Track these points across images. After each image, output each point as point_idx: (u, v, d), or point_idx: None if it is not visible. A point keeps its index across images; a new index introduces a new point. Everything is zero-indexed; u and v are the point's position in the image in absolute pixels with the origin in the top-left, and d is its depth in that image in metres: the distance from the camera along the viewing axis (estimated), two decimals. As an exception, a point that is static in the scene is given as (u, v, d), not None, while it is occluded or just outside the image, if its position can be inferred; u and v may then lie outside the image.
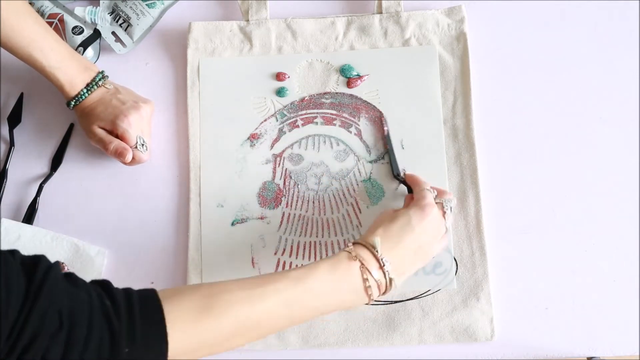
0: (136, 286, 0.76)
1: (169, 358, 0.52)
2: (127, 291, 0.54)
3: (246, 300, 0.56)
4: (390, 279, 0.62)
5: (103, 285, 0.54)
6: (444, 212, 0.68)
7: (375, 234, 0.64)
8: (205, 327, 0.54)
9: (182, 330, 0.53)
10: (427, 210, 0.66)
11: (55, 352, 0.48)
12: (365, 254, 0.62)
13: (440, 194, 0.70)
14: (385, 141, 0.78)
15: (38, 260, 0.51)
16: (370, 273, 0.61)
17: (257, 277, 0.60)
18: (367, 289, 0.61)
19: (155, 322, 0.52)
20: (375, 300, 0.73)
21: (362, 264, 0.61)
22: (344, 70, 0.81)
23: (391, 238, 0.64)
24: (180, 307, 0.54)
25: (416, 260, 0.66)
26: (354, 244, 0.64)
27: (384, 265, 0.62)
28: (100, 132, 0.77)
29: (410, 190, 0.73)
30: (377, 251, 0.62)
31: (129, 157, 0.76)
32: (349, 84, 0.81)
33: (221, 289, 0.57)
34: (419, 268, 0.67)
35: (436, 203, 0.68)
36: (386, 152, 0.78)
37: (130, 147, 0.76)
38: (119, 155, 0.76)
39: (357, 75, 0.81)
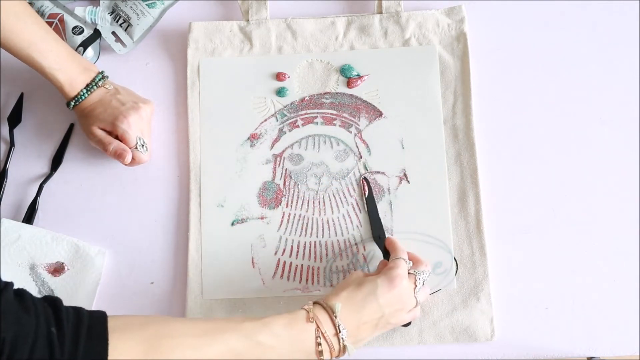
0: (136, 286, 0.76)
1: None
2: (77, 316, 0.53)
3: (194, 347, 0.56)
4: (344, 346, 0.61)
5: (54, 307, 0.53)
6: (416, 285, 0.67)
7: (339, 298, 0.63)
8: None
9: None
10: (396, 282, 0.64)
11: None
12: (323, 317, 0.61)
13: (415, 264, 0.69)
14: (366, 202, 0.77)
15: None
16: (324, 338, 0.60)
17: (210, 321, 0.60)
18: (318, 352, 0.61)
19: (98, 356, 0.51)
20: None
21: (318, 327, 0.61)
22: (344, 70, 0.81)
23: (353, 305, 0.63)
24: (125, 346, 0.53)
25: (376, 330, 0.65)
26: (314, 303, 0.63)
27: (339, 332, 0.61)
28: (100, 133, 0.77)
29: (386, 255, 0.72)
30: (335, 317, 0.61)
31: (128, 159, 0.76)
32: (349, 84, 0.81)
33: (170, 332, 0.56)
34: (378, 334, 0.67)
35: (410, 273, 0.67)
36: (367, 213, 0.76)
37: (130, 148, 0.76)
38: (118, 156, 0.76)
39: (357, 75, 0.81)
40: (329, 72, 0.82)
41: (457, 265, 0.74)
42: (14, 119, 0.83)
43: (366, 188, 0.77)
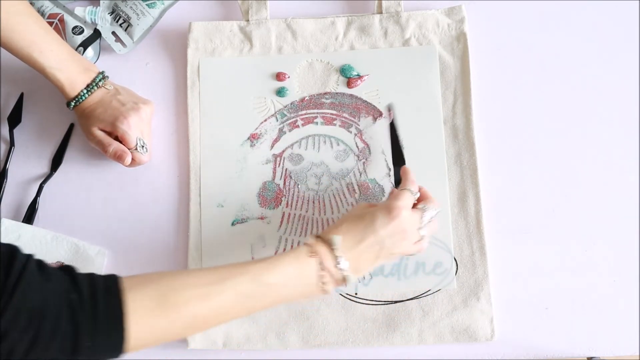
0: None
1: (125, 349, 0.55)
2: (92, 281, 0.56)
3: (205, 296, 0.58)
4: (345, 277, 0.63)
5: (70, 274, 0.56)
6: (421, 220, 0.67)
7: (338, 231, 0.65)
8: (164, 322, 0.57)
9: (140, 324, 0.55)
10: (394, 213, 0.65)
11: (21, 347, 0.50)
12: (323, 251, 0.63)
13: (422, 198, 0.69)
14: (390, 129, 0.78)
15: (14, 252, 0.53)
16: (327, 269, 0.63)
17: (217, 269, 0.62)
18: (322, 284, 0.63)
19: (118, 316, 0.54)
20: (375, 301, 0.74)
21: (320, 260, 0.63)
22: (344, 70, 0.81)
23: (353, 237, 0.65)
24: (142, 301, 0.56)
25: (378, 260, 0.66)
26: (316, 237, 0.65)
27: (339, 264, 0.63)
28: (100, 134, 0.77)
29: (398, 185, 0.72)
30: (335, 249, 0.63)
31: (127, 160, 0.76)
32: (349, 84, 0.81)
33: (180, 285, 0.58)
34: (381, 264, 0.68)
35: (416, 207, 0.68)
36: (389, 138, 0.77)
37: (130, 148, 0.76)
38: (118, 158, 0.76)
39: (357, 75, 0.81)
40: (329, 72, 0.82)
41: (457, 265, 0.74)
42: (14, 119, 0.83)
43: (392, 113, 0.78)
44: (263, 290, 0.61)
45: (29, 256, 0.54)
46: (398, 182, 0.72)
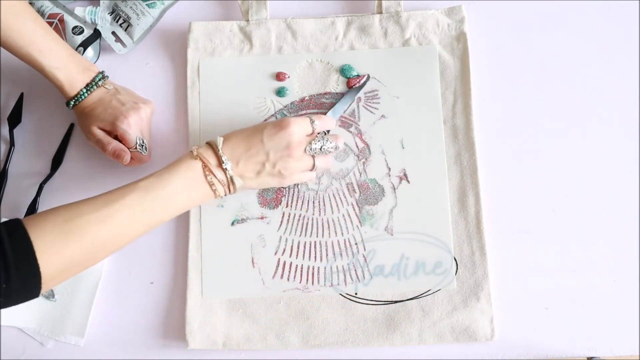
0: (136, 286, 0.77)
1: (42, 284, 0.57)
2: None
3: (102, 220, 0.61)
4: (231, 178, 0.66)
5: None
6: (311, 143, 0.70)
7: (228, 137, 0.68)
8: (70, 250, 0.59)
9: (49, 257, 0.58)
10: (283, 124, 0.68)
11: None
12: (207, 153, 0.67)
13: (322, 127, 0.72)
14: (348, 89, 0.80)
15: None
16: (211, 171, 0.66)
17: (111, 192, 0.64)
18: (210, 185, 0.66)
19: (26, 256, 0.56)
20: (375, 301, 0.74)
21: (203, 162, 0.66)
22: (343, 71, 0.81)
23: (238, 143, 0.68)
24: (44, 234, 0.58)
25: (264, 174, 0.68)
26: (205, 144, 0.68)
27: (223, 163, 0.66)
28: (99, 133, 0.77)
29: None
30: (218, 150, 0.66)
31: (127, 159, 0.76)
32: (349, 84, 0.81)
33: (77, 213, 0.61)
34: (270, 185, 0.71)
35: (315, 134, 0.71)
36: (344, 95, 0.80)
37: (130, 148, 0.76)
38: (117, 157, 0.76)
39: (357, 75, 0.81)
40: (329, 72, 0.82)
41: (457, 265, 0.74)
42: (14, 119, 0.83)
43: (363, 80, 0.80)
44: (156, 202, 0.64)
45: None
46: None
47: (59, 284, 0.61)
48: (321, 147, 0.70)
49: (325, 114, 0.79)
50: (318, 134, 0.71)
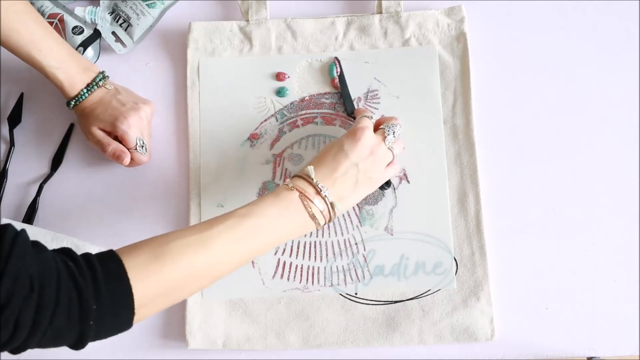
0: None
1: (135, 309, 0.54)
2: (87, 254, 0.56)
3: (198, 243, 0.58)
4: (332, 204, 0.65)
5: (64, 251, 0.56)
6: (385, 137, 0.69)
7: (311, 164, 0.66)
8: (164, 275, 0.56)
9: (142, 280, 0.55)
10: (358, 134, 0.68)
11: (27, 314, 0.49)
12: (302, 183, 0.65)
13: (384, 121, 0.72)
14: (339, 82, 0.80)
15: (4, 228, 0.53)
16: (309, 200, 0.64)
17: (205, 221, 0.62)
18: (311, 215, 0.64)
19: (118, 275, 0.54)
20: (375, 301, 0.74)
21: (301, 192, 0.64)
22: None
23: (326, 166, 0.67)
24: (138, 258, 0.56)
25: (358, 185, 0.68)
26: (292, 177, 0.66)
27: (321, 191, 0.64)
28: (99, 134, 0.77)
29: None
30: (312, 179, 0.65)
31: (126, 161, 0.76)
32: (333, 83, 0.81)
33: (173, 237, 0.58)
34: (366, 193, 0.70)
35: (379, 129, 0.70)
36: (340, 92, 0.80)
37: (130, 148, 0.76)
38: (116, 158, 0.76)
39: (334, 77, 0.81)
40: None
41: (457, 265, 0.74)
42: (14, 119, 0.83)
43: (339, 68, 0.80)
44: (253, 231, 0.62)
45: (21, 230, 0.54)
46: None
47: (153, 314, 0.58)
48: (394, 134, 0.71)
49: (331, 115, 0.79)
50: (382, 125, 0.71)
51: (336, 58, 0.81)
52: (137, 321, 0.55)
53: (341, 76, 0.80)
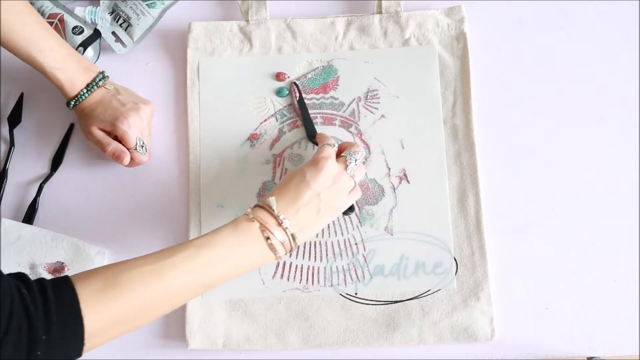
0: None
1: (85, 340, 0.54)
2: (41, 279, 0.55)
3: (152, 274, 0.57)
4: (292, 235, 0.63)
5: (18, 276, 0.55)
6: (347, 165, 0.68)
7: (272, 194, 0.66)
8: (115, 306, 0.55)
9: (94, 311, 0.54)
10: (321, 164, 0.66)
11: None
12: (263, 214, 0.63)
13: (346, 147, 0.71)
14: (299, 106, 0.79)
15: None
16: (270, 232, 0.62)
17: (162, 250, 0.60)
18: (270, 246, 0.63)
19: (70, 305, 0.53)
20: (375, 301, 0.74)
21: (261, 224, 0.62)
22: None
23: (287, 196, 0.65)
24: (91, 287, 0.55)
25: (320, 215, 0.67)
26: (253, 207, 0.65)
27: (282, 223, 0.63)
28: (99, 134, 0.77)
29: None
30: (273, 210, 0.63)
31: (126, 161, 0.76)
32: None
33: (127, 266, 0.57)
34: (328, 221, 0.68)
35: (341, 157, 0.69)
36: (300, 115, 0.79)
37: (130, 149, 0.76)
38: (116, 158, 0.76)
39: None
40: (328, 72, 0.82)
41: (457, 265, 0.74)
42: (14, 119, 0.83)
43: (297, 92, 0.79)
44: (211, 262, 0.60)
45: None
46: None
47: (104, 343, 0.56)
48: (355, 162, 0.69)
49: (331, 115, 0.79)
50: (343, 153, 0.70)
51: (294, 83, 0.80)
52: (87, 351, 0.54)
53: (300, 100, 0.80)
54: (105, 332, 0.56)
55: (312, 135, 0.78)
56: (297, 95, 0.79)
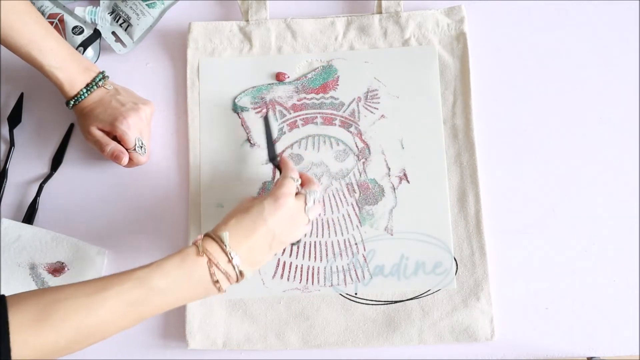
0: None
1: None
2: None
3: (87, 306, 0.56)
4: (241, 271, 0.62)
5: None
6: (306, 204, 0.68)
7: (227, 226, 0.64)
8: (46, 337, 0.54)
9: (23, 342, 0.53)
10: (281, 201, 0.65)
11: None
12: (213, 248, 0.62)
13: (305, 183, 0.70)
14: (264, 124, 0.79)
15: None
16: (218, 267, 0.61)
17: (103, 278, 0.59)
18: (215, 282, 0.61)
19: (0, 335, 0.52)
20: (375, 301, 0.74)
21: (210, 259, 0.61)
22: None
23: (242, 231, 0.64)
24: (23, 316, 0.54)
25: (270, 251, 0.66)
26: (205, 236, 0.63)
27: (232, 260, 0.62)
28: (98, 134, 0.77)
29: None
30: (225, 245, 0.62)
31: (125, 161, 0.76)
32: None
33: (63, 296, 0.56)
34: (275, 253, 0.68)
35: (299, 193, 0.68)
36: (263, 135, 0.78)
37: (129, 149, 0.76)
38: (115, 158, 0.76)
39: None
40: (328, 72, 0.82)
41: (457, 265, 0.74)
42: (14, 119, 0.83)
43: (264, 110, 0.79)
44: (150, 296, 0.59)
45: None
46: (280, 172, 0.72)
47: None
48: (313, 201, 0.69)
49: (331, 115, 0.79)
50: (302, 189, 0.69)
51: (265, 117, 0.80)
52: None
53: (265, 119, 0.79)
54: None
55: (271, 158, 0.76)
56: (264, 113, 0.79)
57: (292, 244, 0.76)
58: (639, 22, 0.82)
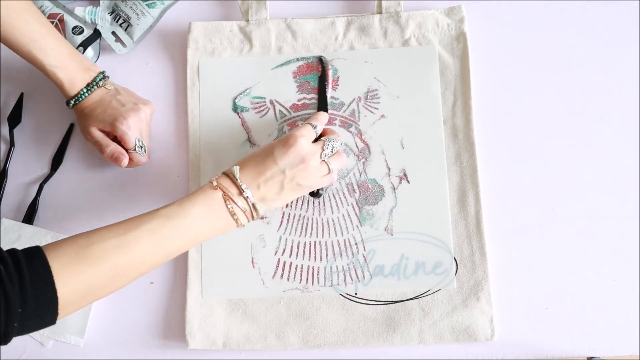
0: (136, 286, 0.77)
1: (59, 310, 0.56)
2: (14, 252, 0.57)
3: (121, 246, 0.60)
4: (254, 204, 0.66)
5: None
6: (323, 150, 0.70)
7: (239, 164, 0.68)
8: (88, 276, 0.58)
9: (67, 283, 0.57)
10: (290, 141, 0.68)
11: None
12: (226, 182, 0.66)
13: (328, 133, 0.73)
14: (320, 81, 0.80)
15: None
16: (232, 200, 0.65)
17: (128, 220, 0.63)
18: (232, 214, 0.65)
19: (44, 279, 0.56)
20: (375, 301, 0.74)
21: (224, 192, 0.65)
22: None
23: (253, 167, 0.68)
24: (63, 259, 0.57)
25: (284, 190, 0.68)
26: (220, 175, 0.67)
27: (243, 192, 0.66)
28: (98, 135, 0.77)
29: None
30: (236, 179, 0.66)
31: (124, 163, 0.76)
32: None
33: (96, 239, 0.60)
34: (293, 198, 0.71)
35: (319, 140, 0.71)
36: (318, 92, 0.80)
37: (129, 149, 0.76)
38: (114, 160, 0.76)
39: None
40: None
41: (457, 265, 0.74)
42: (14, 119, 0.83)
43: (320, 68, 0.81)
44: (177, 230, 0.63)
45: None
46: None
47: (77, 310, 0.60)
48: (332, 149, 0.71)
49: (331, 115, 0.79)
50: (322, 137, 0.72)
51: (324, 62, 0.81)
52: (60, 318, 0.57)
53: (323, 76, 0.80)
54: (78, 301, 0.59)
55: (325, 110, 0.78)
56: (320, 71, 0.80)
57: (312, 195, 0.76)
58: (639, 22, 0.82)
